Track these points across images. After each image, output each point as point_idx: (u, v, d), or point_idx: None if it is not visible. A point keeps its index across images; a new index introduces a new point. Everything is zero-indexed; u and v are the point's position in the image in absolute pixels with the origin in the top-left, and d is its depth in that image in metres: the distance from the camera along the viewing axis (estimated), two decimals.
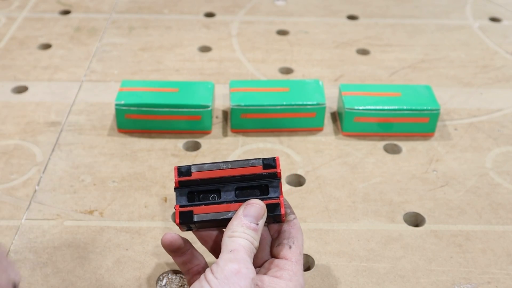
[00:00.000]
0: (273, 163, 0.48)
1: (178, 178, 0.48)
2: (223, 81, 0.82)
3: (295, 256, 0.47)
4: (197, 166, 0.48)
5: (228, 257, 0.43)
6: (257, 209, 0.46)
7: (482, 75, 0.85)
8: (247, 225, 0.45)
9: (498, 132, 0.74)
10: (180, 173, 0.48)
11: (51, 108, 0.76)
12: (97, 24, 0.95)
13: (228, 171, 0.48)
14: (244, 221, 0.45)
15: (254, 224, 0.45)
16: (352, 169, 0.68)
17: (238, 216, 0.46)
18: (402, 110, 0.71)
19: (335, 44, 0.91)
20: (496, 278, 0.56)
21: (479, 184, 0.66)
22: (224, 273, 0.42)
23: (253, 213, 0.45)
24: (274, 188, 0.48)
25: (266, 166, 0.48)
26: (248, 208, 0.46)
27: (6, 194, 0.64)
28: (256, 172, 0.48)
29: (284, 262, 0.47)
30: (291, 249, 0.47)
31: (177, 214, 0.47)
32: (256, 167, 0.48)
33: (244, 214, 0.45)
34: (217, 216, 0.47)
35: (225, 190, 0.48)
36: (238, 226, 0.45)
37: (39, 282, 0.54)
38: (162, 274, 0.56)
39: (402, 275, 0.56)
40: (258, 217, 0.46)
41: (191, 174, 0.48)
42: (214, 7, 1.00)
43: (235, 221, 0.45)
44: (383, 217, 0.62)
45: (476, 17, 0.99)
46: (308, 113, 0.72)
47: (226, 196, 0.48)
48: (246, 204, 0.46)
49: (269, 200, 0.47)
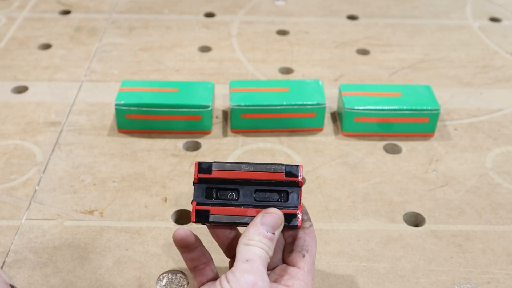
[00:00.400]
0: (296, 172, 0.47)
1: (198, 175, 0.47)
2: (223, 81, 0.82)
3: (308, 266, 0.47)
4: (218, 164, 0.47)
5: (244, 267, 0.43)
6: (275, 219, 0.45)
7: (482, 75, 0.85)
8: (264, 234, 0.45)
9: (498, 132, 0.74)
10: (200, 169, 0.47)
11: (51, 108, 0.76)
12: (97, 24, 0.95)
13: (249, 174, 0.47)
14: (261, 229, 0.45)
15: (270, 234, 0.45)
16: (352, 169, 0.68)
17: (256, 224, 0.45)
18: (402, 110, 0.71)
19: (335, 44, 0.91)
20: (496, 278, 0.56)
21: (479, 184, 0.66)
22: (240, 284, 0.42)
23: (270, 222, 0.45)
24: (294, 197, 0.47)
25: (288, 174, 0.47)
26: (266, 217, 0.45)
27: (6, 194, 0.64)
28: (277, 179, 0.47)
29: (296, 271, 0.47)
30: (304, 258, 0.47)
31: (193, 211, 0.47)
32: (278, 173, 0.47)
33: (262, 223, 0.45)
34: (233, 219, 0.46)
35: (244, 191, 0.47)
36: (254, 234, 0.45)
37: (39, 282, 0.54)
38: (162, 274, 0.56)
39: (402, 275, 0.56)
40: (275, 226, 0.45)
41: (212, 172, 0.47)
42: (214, 7, 1.00)
43: (252, 228, 0.45)
44: (383, 217, 0.62)
45: (476, 17, 0.99)
46: (308, 113, 0.72)
47: (244, 198, 0.47)
48: (265, 213, 0.46)
49: (287, 210, 0.46)
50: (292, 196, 0.47)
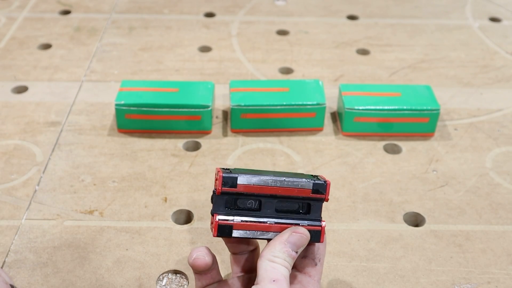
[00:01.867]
0: (323, 190, 0.46)
1: (222, 188, 0.45)
2: (223, 81, 0.82)
3: (318, 275, 0.47)
4: (244, 177, 0.45)
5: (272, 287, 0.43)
6: (302, 239, 0.45)
7: (482, 75, 0.85)
8: (289, 253, 0.44)
9: (498, 132, 0.74)
10: (225, 183, 0.45)
11: (51, 108, 0.76)
12: (97, 24, 0.95)
13: (275, 189, 0.46)
14: (287, 248, 0.45)
15: (294, 253, 0.45)
16: (352, 169, 0.68)
17: (283, 241, 0.45)
18: (402, 110, 0.71)
19: (335, 44, 0.91)
20: (496, 278, 0.56)
21: (479, 184, 0.66)
22: None
23: (296, 242, 0.45)
24: (316, 210, 0.46)
25: (315, 191, 0.46)
26: (294, 236, 0.45)
27: (6, 194, 0.64)
28: (304, 195, 0.46)
29: (308, 280, 0.47)
30: (316, 266, 0.48)
31: (216, 226, 0.45)
32: (305, 189, 0.46)
33: (289, 241, 0.45)
34: (256, 235, 0.46)
35: (266, 202, 0.46)
36: (280, 252, 0.44)
37: (39, 282, 0.54)
38: (162, 274, 0.56)
39: (402, 275, 0.56)
40: (300, 246, 0.45)
41: (237, 186, 0.45)
42: (214, 7, 1.00)
43: (279, 245, 0.45)
44: (383, 217, 0.62)
45: (476, 17, 0.99)
46: (308, 113, 0.72)
47: (267, 209, 0.46)
48: (293, 231, 0.45)
49: (311, 226, 0.46)
50: (314, 210, 0.46)
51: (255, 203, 0.46)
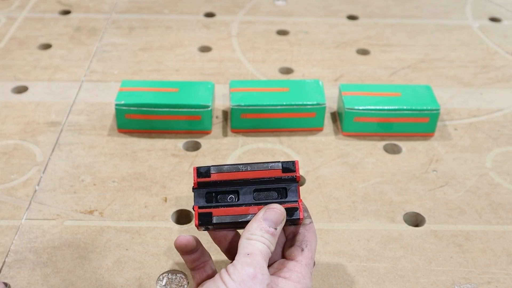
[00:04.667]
0: (293, 167, 0.48)
1: (197, 179, 0.48)
2: (223, 81, 0.82)
3: (306, 260, 0.48)
4: (216, 167, 0.48)
5: (245, 260, 0.43)
6: (277, 214, 0.46)
7: (482, 75, 0.85)
8: (266, 229, 0.45)
9: (498, 132, 0.74)
10: (199, 174, 0.48)
11: (51, 108, 0.76)
12: (97, 24, 0.95)
13: (247, 174, 0.48)
14: (264, 224, 0.45)
15: (272, 229, 0.45)
16: (352, 169, 0.68)
17: (258, 219, 0.46)
18: (402, 110, 0.71)
19: (335, 44, 0.91)
20: (496, 278, 0.56)
21: (479, 184, 0.66)
22: (240, 276, 0.42)
23: (272, 218, 0.46)
24: (292, 192, 0.48)
25: (285, 170, 0.48)
26: (268, 212, 0.46)
27: (6, 194, 0.64)
28: (275, 176, 0.48)
29: (294, 264, 0.47)
30: (303, 252, 0.48)
31: (196, 215, 0.47)
32: (275, 170, 0.48)
33: (264, 218, 0.46)
34: (236, 218, 0.47)
35: (243, 192, 0.48)
36: (257, 229, 0.45)
37: (39, 282, 0.54)
38: (162, 274, 0.56)
39: (402, 275, 0.56)
40: (277, 222, 0.46)
41: (210, 175, 0.48)
42: (214, 7, 1.00)
43: (255, 223, 0.46)
44: (383, 217, 0.62)
45: (476, 17, 0.99)
46: (308, 113, 0.72)
47: (245, 198, 0.48)
48: (267, 208, 0.46)
49: (288, 204, 0.47)
50: (290, 192, 0.48)
51: (235, 198, 0.48)
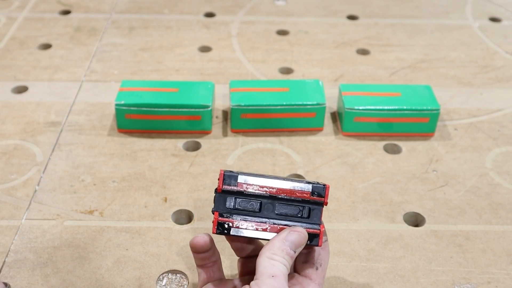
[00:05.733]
0: (322, 192, 0.47)
1: (223, 186, 0.46)
2: (223, 81, 0.82)
3: (319, 279, 0.48)
4: (244, 177, 0.46)
5: (270, 283, 0.43)
6: (300, 238, 0.46)
7: (482, 75, 0.85)
8: (287, 251, 0.45)
9: (498, 132, 0.74)
10: (225, 180, 0.46)
11: (51, 108, 0.76)
12: (97, 24, 0.95)
13: (274, 190, 0.47)
14: (286, 246, 0.45)
15: (292, 252, 0.45)
16: (352, 169, 0.68)
17: (281, 239, 0.45)
18: (402, 110, 0.71)
19: (335, 44, 0.92)
20: (496, 278, 0.56)
21: (479, 184, 0.66)
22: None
23: (295, 240, 0.45)
24: (315, 215, 0.47)
25: (314, 194, 0.47)
26: (292, 235, 0.46)
27: (6, 194, 0.64)
28: (303, 197, 0.47)
29: (307, 281, 0.47)
30: (317, 270, 0.48)
31: (215, 223, 0.46)
32: (304, 191, 0.47)
33: (287, 239, 0.45)
34: (254, 234, 0.46)
35: (266, 206, 0.47)
36: (279, 249, 0.45)
37: (39, 282, 0.54)
38: (162, 274, 0.56)
39: (402, 275, 0.56)
40: (298, 245, 0.46)
41: (237, 184, 0.46)
42: (214, 7, 1.00)
43: (278, 244, 0.45)
44: (383, 217, 0.62)
45: (476, 17, 0.99)
46: (308, 113, 0.72)
47: (266, 210, 0.47)
48: (291, 230, 0.46)
49: (310, 229, 0.46)
50: (313, 214, 0.47)
51: (256, 205, 0.46)
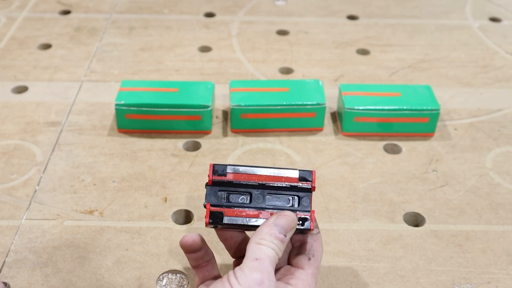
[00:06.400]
0: (309, 177, 0.48)
1: (213, 177, 0.48)
2: (223, 81, 0.82)
3: (312, 269, 0.48)
4: (232, 167, 0.48)
5: (253, 265, 0.43)
6: (289, 221, 0.46)
7: (482, 75, 0.85)
8: (276, 235, 0.45)
9: (498, 132, 0.74)
10: (215, 171, 0.48)
11: (51, 108, 0.76)
12: (97, 24, 0.95)
13: (263, 177, 0.48)
14: (274, 230, 0.45)
15: (282, 235, 0.45)
16: (352, 169, 0.68)
17: (269, 224, 0.46)
18: (402, 110, 0.71)
19: (335, 44, 0.92)
20: (496, 278, 0.56)
21: (479, 184, 0.66)
22: (247, 280, 0.42)
23: (283, 224, 0.46)
24: (305, 201, 0.48)
25: (301, 179, 0.48)
26: (280, 219, 0.46)
27: (6, 194, 0.64)
28: (291, 183, 0.48)
29: (300, 271, 0.47)
30: (310, 261, 0.48)
31: (208, 213, 0.47)
32: (291, 177, 0.48)
33: (275, 224, 0.46)
34: (246, 221, 0.47)
35: (256, 195, 0.48)
36: (267, 234, 0.45)
37: (39, 282, 0.54)
38: (162, 274, 0.56)
39: (402, 275, 0.56)
40: (288, 229, 0.46)
41: (226, 174, 0.48)
42: (214, 7, 1.00)
43: (266, 228, 0.45)
44: (383, 217, 0.62)
45: (476, 17, 0.99)
46: (308, 113, 0.72)
47: (257, 201, 0.47)
48: (279, 214, 0.46)
49: (300, 213, 0.47)
50: (303, 201, 0.48)
51: (247, 198, 0.48)
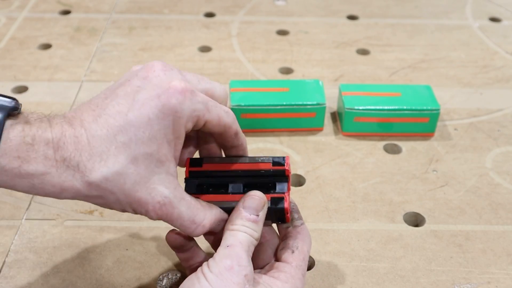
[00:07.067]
0: (282, 161, 0.48)
1: (190, 168, 0.48)
2: (223, 81, 0.82)
3: (296, 261, 0.47)
4: (208, 158, 0.49)
5: (223, 252, 0.43)
6: (256, 200, 0.46)
7: (482, 75, 0.85)
8: (247, 217, 0.45)
9: (498, 132, 0.74)
10: (191, 163, 0.49)
11: (51, 108, 0.76)
12: (97, 24, 0.95)
13: (238, 165, 0.48)
14: (244, 213, 0.45)
15: (254, 216, 0.45)
16: (352, 169, 0.68)
17: (237, 208, 0.46)
18: (402, 110, 0.71)
19: (335, 44, 0.92)
20: (496, 278, 0.56)
21: (479, 184, 0.66)
22: (218, 268, 0.43)
23: (251, 205, 0.45)
24: (281, 185, 0.48)
25: (275, 164, 0.48)
26: (247, 200, 0.46)
27: (6, 194, 0.64)
28: (265, 168, 0.48)
29: (283, 265, 0.47)
30: (293, 253, 0.48)
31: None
32: (265, 163, 0.48)
33: (243, 206, 0.45)
34: (221, 204, 0.47)
35: (233, 186, 0.48)
36: (237, 218, 0.45)
37: (39, 282, 0.54)
38: (162, 274, 0.56)
39: (402, 275, 0.56)
40: (258, 208, 0.45)
41: (202, 165, 0.49)
42: (214, 7, 1.00)
43: (235, 213, 0.46)
44: (383, 217, 0.62)
45: (476, 17, 0.99)
46: (308, 113, 0.72)
47: (234, 189, 0.48)
48: (245, 196, 0.46)
49: (274, 194, 0.47)
50: (279, 185, 0.48)
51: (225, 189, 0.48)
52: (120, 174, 0.41)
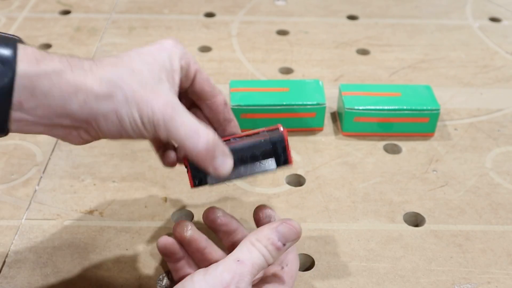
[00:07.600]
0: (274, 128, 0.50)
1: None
2: (223, 81, 0.82)
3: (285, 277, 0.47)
4: None
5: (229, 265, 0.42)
6: (291, 232, 0.45)
7: (482, 75, 0.85)
8: (274, 242, 0.44)
9: (498, 132, 0.74)
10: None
11: None
12: (97, 24, 0.95)
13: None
14: (274, 236, 0.44)
15: (280, 243, 0.44)
16: (352, 169, 0.68)
17: (272, 228, 0.44)
18: (402, 110, 0.71)
19: (335, 44, 0.92)
20: (496, 278, 0.56)
21: (479, 184, 0.66)
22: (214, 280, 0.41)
23: (285, 233, 0.44)
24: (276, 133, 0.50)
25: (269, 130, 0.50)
26: (284, 226, 0.44)
27: (6, 194, 0.64)
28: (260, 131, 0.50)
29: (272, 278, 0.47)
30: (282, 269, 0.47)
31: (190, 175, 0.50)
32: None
33: (278, 230, 0.44)
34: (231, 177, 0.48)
35: None
36: (265, 237, 0.44)
37: (39, 282, 0.54)
38: (162, 274, 0.56)
39: (402, 275, 0.56)
40: (288, 239, 0.44)
41: None
42: (214, 7, 1.00)
43: (267, 230, 0.44)
44: (383, 217, 0.62)
45: (476, 17, 0.99)
46: (308, 113, 0.72)
47: None
48: (284, 221, 0.45)
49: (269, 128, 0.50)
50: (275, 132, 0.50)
51: None
52: (131, 71, 0.43)
